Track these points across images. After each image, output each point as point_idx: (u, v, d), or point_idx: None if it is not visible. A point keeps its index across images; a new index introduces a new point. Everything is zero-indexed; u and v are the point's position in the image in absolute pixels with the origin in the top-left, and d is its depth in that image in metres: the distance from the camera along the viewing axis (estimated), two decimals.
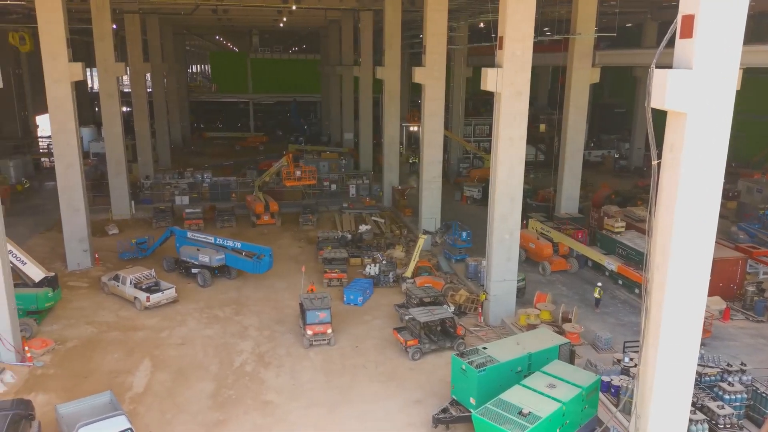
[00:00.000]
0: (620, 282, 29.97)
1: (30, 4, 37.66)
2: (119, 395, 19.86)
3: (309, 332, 24.08)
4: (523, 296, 28.42)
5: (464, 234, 33.44)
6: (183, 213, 40.93)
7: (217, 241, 31.59)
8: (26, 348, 22.78)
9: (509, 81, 23.54)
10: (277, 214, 41.94)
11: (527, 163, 59.11)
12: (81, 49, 63.21)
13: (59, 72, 30.15)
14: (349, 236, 36.64)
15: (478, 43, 50.81)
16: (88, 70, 59.88)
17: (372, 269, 31.50)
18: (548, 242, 32.83)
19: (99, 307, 27.75)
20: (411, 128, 64.52)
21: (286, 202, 45.08)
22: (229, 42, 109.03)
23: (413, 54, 74.25)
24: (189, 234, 32.56)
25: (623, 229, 32.26)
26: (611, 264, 30.08)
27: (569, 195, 37.96)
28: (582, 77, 35.33)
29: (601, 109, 71.21)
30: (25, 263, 26.16)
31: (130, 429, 16.43)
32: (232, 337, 25.18)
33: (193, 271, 31.02)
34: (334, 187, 50.74)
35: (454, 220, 34.64)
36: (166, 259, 32.58)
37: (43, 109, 68.78)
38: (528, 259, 33.30)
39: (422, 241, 31.25)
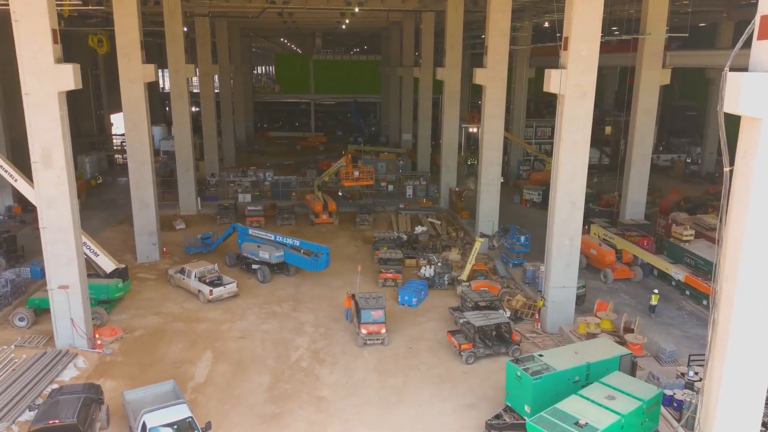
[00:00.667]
0: (687, 293, 28.67)
1: (108, 9, 39.83)
2: (181, 384, 20.68)
3: (363, 331, 24.31)
4: (582, 304, 27.69)
5: (522, 238, 32.87)
6: (245, 210, 42.19)
7: (277, 239, 32.40)
8: (97, 335, 24.09)
9: (574, 82, 22.98)
10: (335, 213, 42.58)
11: (591, 167, 57.54)
12: (153, 51, 66.22)
13: (133, 73, 31.71)
14: (405, 237, 36.73)
15: (541, 43, 49.76)
16: (159, 71, 62.75)
17: (427, 271, 31.44)
18: (611, 249, 31.80)
19: (165, 298, 29.01)
20: (470, 129, 64.00)
21: (344, 201, 45.67)
22: (293, 44, 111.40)
23: (475, 55, 73.65)
24: (250, 231, 33.54)
25: (692, 238, 30.88)
26: (678, 273, 28.83)
27: (635, 200, 36.60)
28: (651, 78, 34.01)
29: (672, 111, 68.22)
30: (98, 255, 27.71)
31: (191, 417, 17.09)
32: (289, 333, 25.75)
33: (254, 267, 31.91)
34: (391, 187, 50.97)
35: (512, 223, 34.11)
36: (229, 254, 33.67)
37: (118, 108, 72.26)
38: (589, 266, 32.41)
39: (479, 244, 30.94)
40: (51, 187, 21.90)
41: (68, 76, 21.23)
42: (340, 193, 47.18)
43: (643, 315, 26.37)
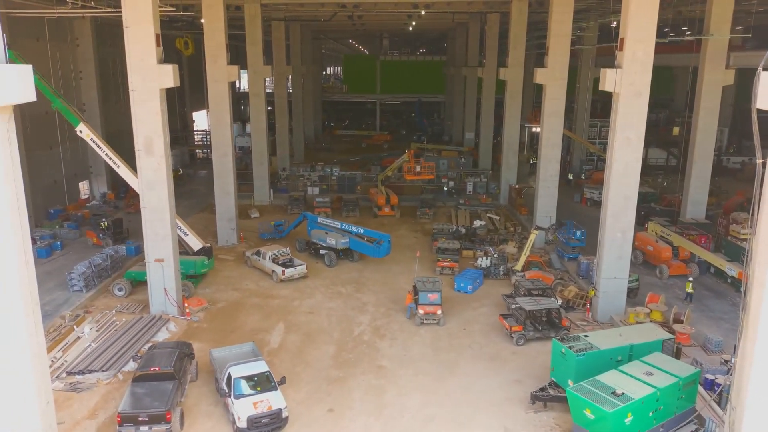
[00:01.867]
0: (742, 289, 28.83)
1: (196, 14, 43.67)
2: (258, 349, 23.25)
3: (420, 311, 26.25)
4: (635, 297, 28.51)
5: (578, 233, 33.87)
6: (313, 202, 45.08)
7: (343, 227, 34.86)
8: (186, 305, 27.22)
9: (628, 82, 24.02)
10: (396, 206, 44.70)
11: (657, 168, 57.12)
12: (232, 53, 70.44)
13: (219, 73, 34.97)
14: (463, 230, 38.37)
15: (608, 43, 50.00)
16: None
17: (483, 261, 32.98)
18: (667, 245, 32.28)
19: (243, 277, 32.02)
20: (533, 129, 64.62)
21: (405, 195, 47.76)
22: (361, 45, 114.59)
23: (539, 54, 73.98)
24: (319, 219, 36.20)
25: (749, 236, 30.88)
26: (732, 270, 29.13)
27: (696, 200, 36.74)
28: (714, 79, 34.16)
29: (744, 114, 66.27)
30: (187, 234, 31.04)
31: (269, 372, 19.61)
32: (352, 311, 28.07)
33: (321, 252, 34.49)
34: (452, 183, 52.59)
35: (570, 220, 35.10)
36: (299, 240, 36.44)
37: (199, 106, 77.84)
38: (646, 263, 33.01)
39: (534, 236, 32.21)
40: (151, 172, 25.13)
41: (168, 75, 24.36)
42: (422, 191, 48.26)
43: (695, 309, 26.94)
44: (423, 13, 49.28)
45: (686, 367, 18.44)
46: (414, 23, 61.57)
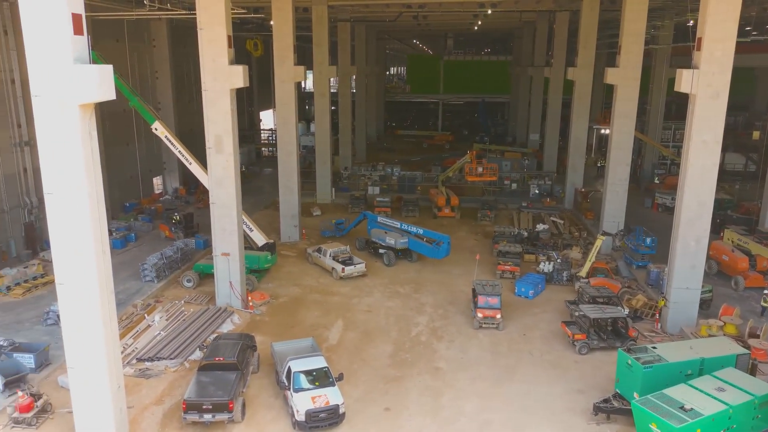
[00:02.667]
0: None
1: (266, 16, 44.86)
2: (317, 344, 23.66)
3: (479, 315, 25.92)
4: (708, 308, 27.13)
5: (648, 240, 32.52)
6: (374, 201, 45.39)
7: (403, 227, 34.92)
8: (249, 298, 28.02)
9: (706, 83, 22.85)
10: (457, 207, 44.34)
11: (734, 173, 54.20)
12: (298, 54, 71.91)
13: (286, 74, 35.78)
14: (526, 233, 37.62)
15: (684, 42, 47.77)
16: None
17: (546, 266, 32.21)
18: (744, 256, 30.50)
19: (304, 273, 32.66)
20: (602, 130, 62.56)
21: (466, 197, 47.32)
22: (425, 45, 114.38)
23: (610, 54, 71.48)
24: (379, 218, 36.41)
25: None
26: None
27: None
28: None
29: None
30: (252, 230, 31.96)
31: (327, 367, 19.91)
32: (410, 311, 28.07)
33: (380, 251, 34.67)
34: (514, 185, 51.70)
35: (640, 226, 33.75)
36: (359, 239, 36.78)
37: (266, 105, 79.81)
38: (720, 272, 31.36)
39: (600, 242, 31.17)
40: (221, 169, 26.02)
41: (239, 76, 25.15)
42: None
43: (764, 320, 25.36)
44: (489, 12, 48.62)
45: (763, 385, 17.36)
46: (480, 22, 60.90)
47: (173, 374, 21.87)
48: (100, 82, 14.50)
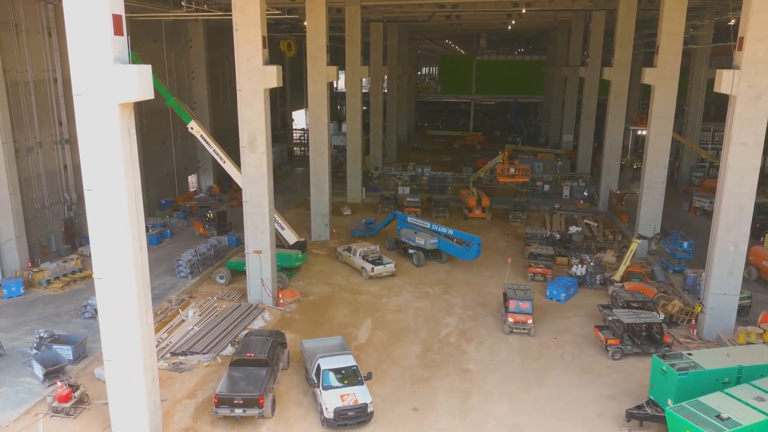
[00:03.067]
0: None
1: (300, 17, 45.31)
2: (346, 342, 23.79)
3: (510, 320, 25.61)
4: (746, 315, 26.37)
5: (685, 244, 31.71)
6: (404, 201, 45.37)
7: (433, 227, 34.82)
8: (280, 295, 28.35)
9: (747, 84, 22.17)
10: (488, 209, 44.00)
11: None
12: (330, 54, 72.42)
13: (319, 74, 36.08)
14: (558, 236, 37.10)
15: (724, 42, 46.45)
16: None
17: (579, 269, 31.72)
18: None
19: (333, 272, 32.87)
20: (638, 132, 61.34)
21: (497, 198, 46.94)
22: (457, 45, 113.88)
23: (648, 54, 69.99)
24: (409, 219, 36.39)
25: None
26: None
27: None
28: None
29: None
30: (284, 228, 32.33)
31: (356, 366, 20.01)
32: (439, 312, 27.99)
33: (410, 251, 34.65)
34: (547, 187, 51.06)
35: (677, 230, 32.95)
36: (388, 239, 36.83)
37: (298, 105, 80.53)
38: (760, 279, 30.44)
39: (635, 246, 30.55)
40: (254, 168, 26.39)
41: (272, 76, 25.47)
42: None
43: None
44: (523, 11, 48.15)
45: None
46: (513, 22, 60.33)
47: (205, 369, 22.27)
48: (139, 82, 14.87)
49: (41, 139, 32.21)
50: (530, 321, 25.47)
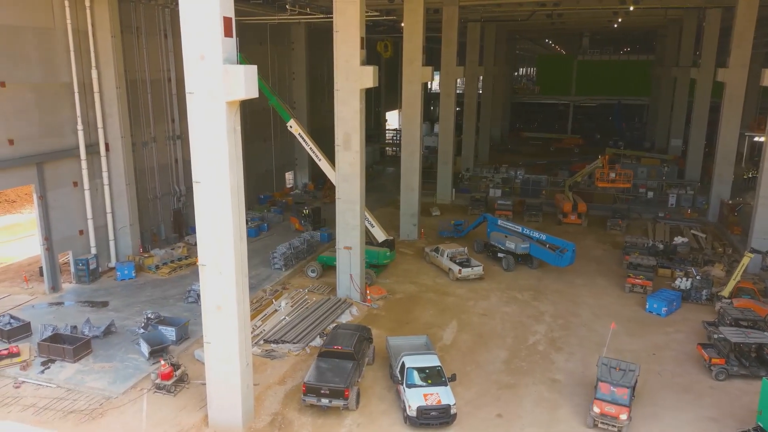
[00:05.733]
0: None
1: (398, 18, 45.78)
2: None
3: (596, 409, 18.64)
4: None
5: None
6: (495, 204, 44.60)
7: (524, 231, 33.98)
8: (368, 292, 28.83)
9: None
10: (584, 215, 42.31)
11: None
12: (425, 55, 72.58)
13: (414, 74, 36.31)
14: (662, 246, 35.01)
15: None
16: None
17: (683, 283, 29.75)
18: None
19: (420, 271, 32.96)
20: (755, 138, 56.58)
21: (595, 204, 45.03)
22: (557, 45, 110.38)
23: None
24: (500, 221, 35.74)
25: None
26: None
27: None
28: None
29: None
30: (373, 226, 32.83)
31: (440, 366, 19.98)
32: (527, 318, 27.29)
33: (499, 255, 34.02)
34: (651, 194, 48.34)
35: None
36: (477, 241, 36.38)
37: (392, 106, 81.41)
38: None
39: (747, 260, 28.21)
40: (348, 166, 27.02)
41: (369, 76, 25.95)
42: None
43: None
44: (631, 9, 45.84)
45: None
46: (620, 20, 57.55)
47: (295, 358, 23.10)
48: (246, 82, 15.69)
49: (155, 134, 34.76)
50: (624, 416, 18.29)
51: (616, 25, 63.87)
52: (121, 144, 30.98)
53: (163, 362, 20.88)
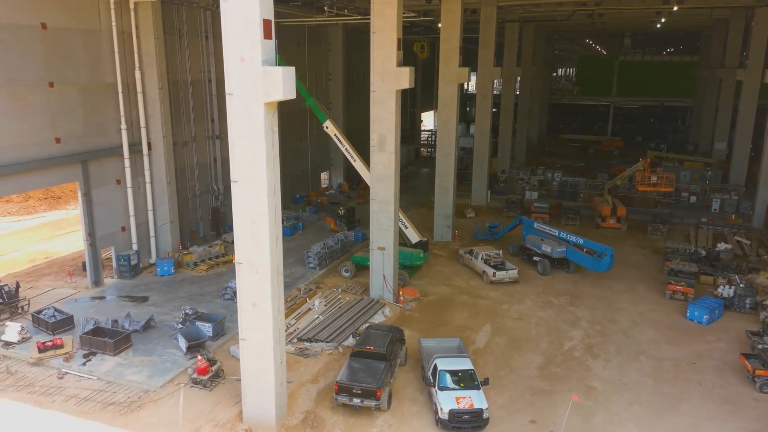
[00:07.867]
0: None
1: (435, 19, 45.65)
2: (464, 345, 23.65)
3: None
4: None
5: None
6: (531, 206, 44.06)
7: (561, 235, 33.44)
8: (401, 293, 28.82)
9: None
10: (623, 219, 41.39)
11: None
12: (462, 55, 72.14)
13: (450, 75, 36.14)
14: (704, 252, 33.99)
15: None
16: None
17: (726, 291, 28.83)
18: None
19: (454, 273, 32.77)
20: None
21: (635, 208, 44.00)
22: (598, 45, 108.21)
23: None
24: (536, 225, 35.26)
25: None
26: None
27: None
28: None
29: None
30: (407, 227, 32.83)
31: (473, 370, 19.82)
32: (563, 323, 26.84)
33: (535, 258, 33.56)
34: (693, 198, 47.00)
35: None
36: (512, 244, 35.98)
37: (428, 107, 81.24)
38: None
39: None
40: (382, 167, 27.07)
41: (405, 77, 25.94)
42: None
43: None
44: (675, 8, 44.62)
45: None
46: (663, 20, 56.08)
47: (328, 356, 23.26)
48: (284, 83, 15.87)
49: (195, 134, 35.49)
50: None
51: (659, 25, 62.26)
52: (162, 143, 31.73)
53: (200, 357, 21.28)
